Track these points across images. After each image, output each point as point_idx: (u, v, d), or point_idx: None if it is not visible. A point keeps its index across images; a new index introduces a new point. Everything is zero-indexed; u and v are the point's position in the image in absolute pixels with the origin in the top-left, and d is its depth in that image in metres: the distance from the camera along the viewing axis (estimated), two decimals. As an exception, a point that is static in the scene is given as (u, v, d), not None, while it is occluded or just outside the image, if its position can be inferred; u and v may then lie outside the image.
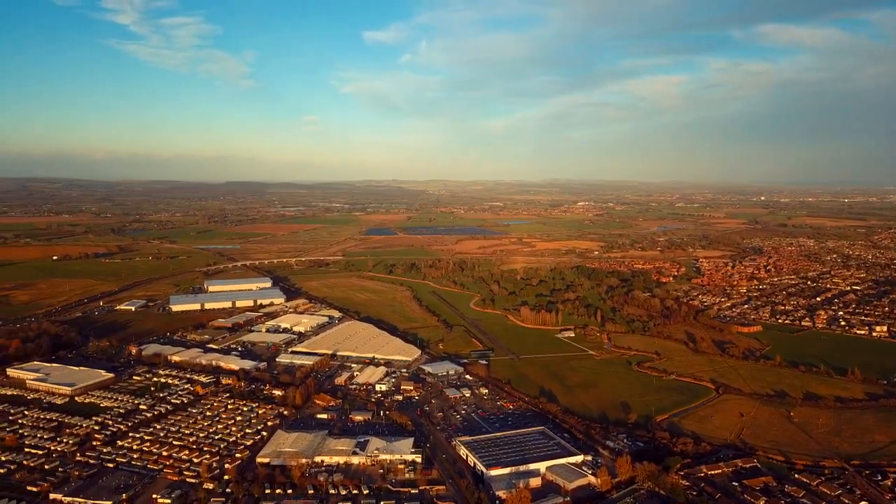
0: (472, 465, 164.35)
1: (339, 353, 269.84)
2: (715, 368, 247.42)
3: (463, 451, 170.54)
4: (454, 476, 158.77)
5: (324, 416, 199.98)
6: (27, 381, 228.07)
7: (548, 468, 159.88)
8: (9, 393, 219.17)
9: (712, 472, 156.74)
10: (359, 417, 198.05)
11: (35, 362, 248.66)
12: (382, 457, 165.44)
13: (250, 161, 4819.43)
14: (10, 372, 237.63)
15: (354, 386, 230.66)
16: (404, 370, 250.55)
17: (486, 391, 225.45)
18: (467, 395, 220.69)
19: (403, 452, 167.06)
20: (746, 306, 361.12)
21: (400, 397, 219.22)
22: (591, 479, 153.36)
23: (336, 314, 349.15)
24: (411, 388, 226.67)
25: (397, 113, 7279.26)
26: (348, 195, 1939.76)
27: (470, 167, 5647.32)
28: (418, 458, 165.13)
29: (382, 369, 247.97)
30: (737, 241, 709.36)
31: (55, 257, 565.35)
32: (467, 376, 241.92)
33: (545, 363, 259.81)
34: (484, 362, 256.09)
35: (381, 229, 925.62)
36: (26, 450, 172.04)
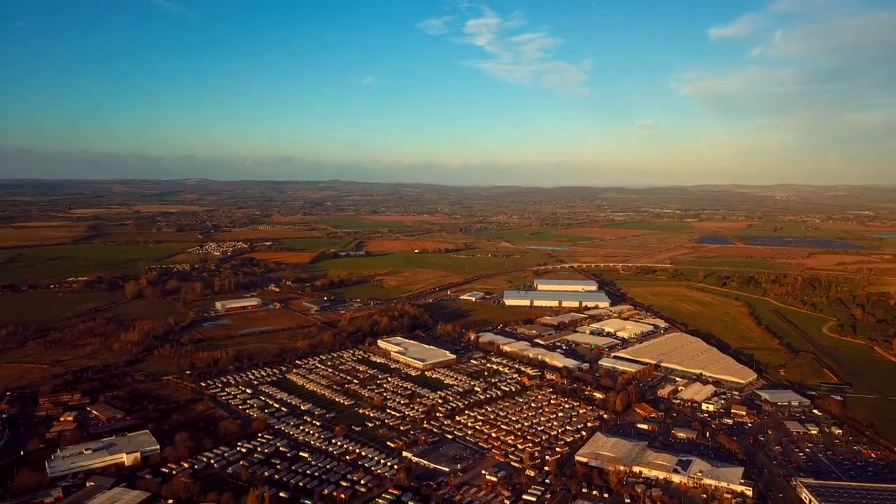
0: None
1: (662, 365, 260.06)
2: None
3: (805, 495, 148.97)
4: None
5: (644, 426, 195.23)
6: (391, 353, 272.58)
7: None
8: (378, 361, 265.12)
9: None
10: (682, 434, 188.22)
11: (398, 337, 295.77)
12: (707, 481, 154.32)
13: (582, 166, 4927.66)
14: (380, 343, 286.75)
15: (678, 401, 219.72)
16: (736, 392, 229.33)
17: (840, 431, 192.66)
18: (814, 432, 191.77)
19: (731, 481, 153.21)
20: None
21: (730, 421, 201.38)
22: None
23: (661, 323, 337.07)
24: (744, 412, 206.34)
25: (741, 112, 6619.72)
26: (680, 200, 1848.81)
27: (829, 169, 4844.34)
28: (749, 491, 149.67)
29: (710, 388, 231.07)
30: None
31: (416, 250, 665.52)
32: (815, 411, 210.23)
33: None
34: (838, 398, 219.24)
35: (715, 237, 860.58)
36: (388, 410, 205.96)
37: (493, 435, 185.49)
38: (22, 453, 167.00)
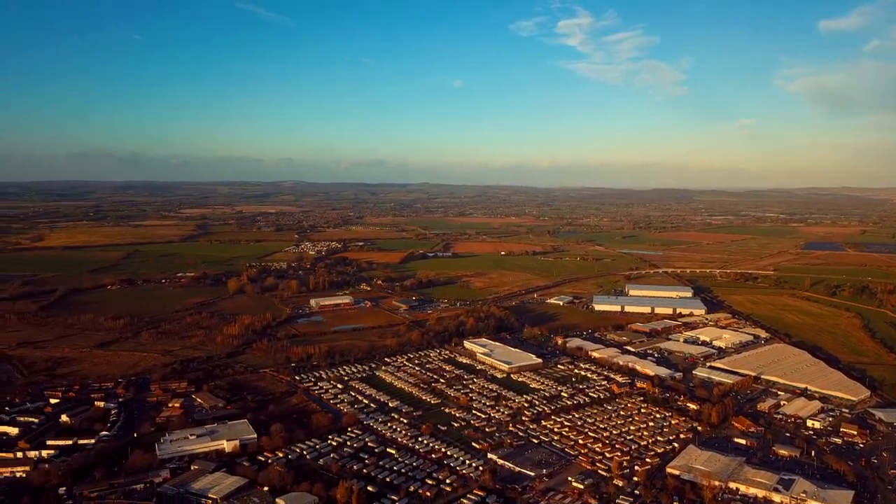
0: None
1: (763, 377, 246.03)
2: None
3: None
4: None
5: (741, 440, 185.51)
6: (477, 354, 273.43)
7: None
8: (464, 361, 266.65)
9: None
10: (783, 452, 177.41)
11: (484, 339, 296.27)
12: (811, 502, 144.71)
13: (676, 168, 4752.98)
14: (466, 344, 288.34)
15: (780, 416, 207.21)
16: (845, 410, 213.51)
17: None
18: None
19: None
20: None
21: (838, 440, 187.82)
22: None
23: (762, 334, 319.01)
24: (854, 432, 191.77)
25: (853, 109, 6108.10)
26: (785, 204, 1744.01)
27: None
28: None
29: (817, 404, 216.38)
30: None
31: (503, 252, 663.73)
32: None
33: None
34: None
35: (823, 243, 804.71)
36: (473, 411, 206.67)
37: (580, 442, 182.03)
38: (135, 435, 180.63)
